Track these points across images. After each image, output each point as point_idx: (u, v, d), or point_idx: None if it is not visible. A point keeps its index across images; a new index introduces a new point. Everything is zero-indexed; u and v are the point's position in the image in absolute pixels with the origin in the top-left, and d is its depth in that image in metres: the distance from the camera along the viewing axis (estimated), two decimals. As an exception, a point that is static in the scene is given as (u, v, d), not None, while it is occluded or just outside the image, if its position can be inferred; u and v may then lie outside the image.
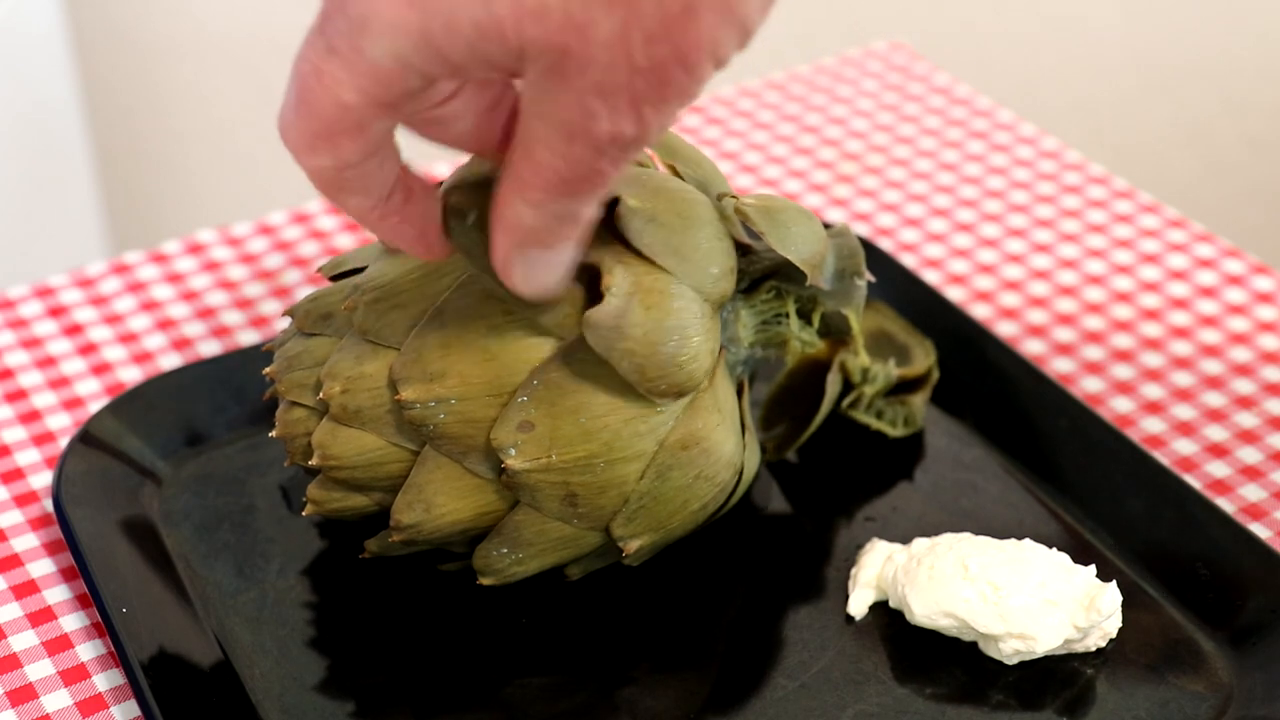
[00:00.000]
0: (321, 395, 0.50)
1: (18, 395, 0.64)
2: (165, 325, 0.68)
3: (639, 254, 0.48)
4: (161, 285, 0.70)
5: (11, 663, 0.53)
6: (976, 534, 0.54)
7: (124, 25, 1.41)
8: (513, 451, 0.48)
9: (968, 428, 0.61)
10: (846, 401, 0.60)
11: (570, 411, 0.48)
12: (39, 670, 0.53)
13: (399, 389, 0.49)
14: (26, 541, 0.57)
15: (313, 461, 0.51)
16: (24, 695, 0.52)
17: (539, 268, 0.43)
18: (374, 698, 0.51)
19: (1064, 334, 0.68)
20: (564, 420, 0.48)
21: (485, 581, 0.52)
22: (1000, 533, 0.56)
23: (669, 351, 0.48)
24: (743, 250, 0.53)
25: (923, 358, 0.62)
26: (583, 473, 0.49)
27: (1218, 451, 0.62)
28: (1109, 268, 0.72)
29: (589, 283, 0.49)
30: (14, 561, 0.57)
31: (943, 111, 0.84)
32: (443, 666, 0.52)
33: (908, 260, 0.72)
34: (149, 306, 0.69)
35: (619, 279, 0.48)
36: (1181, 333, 0.68)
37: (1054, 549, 0.53)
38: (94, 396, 0.64)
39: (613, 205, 0.49)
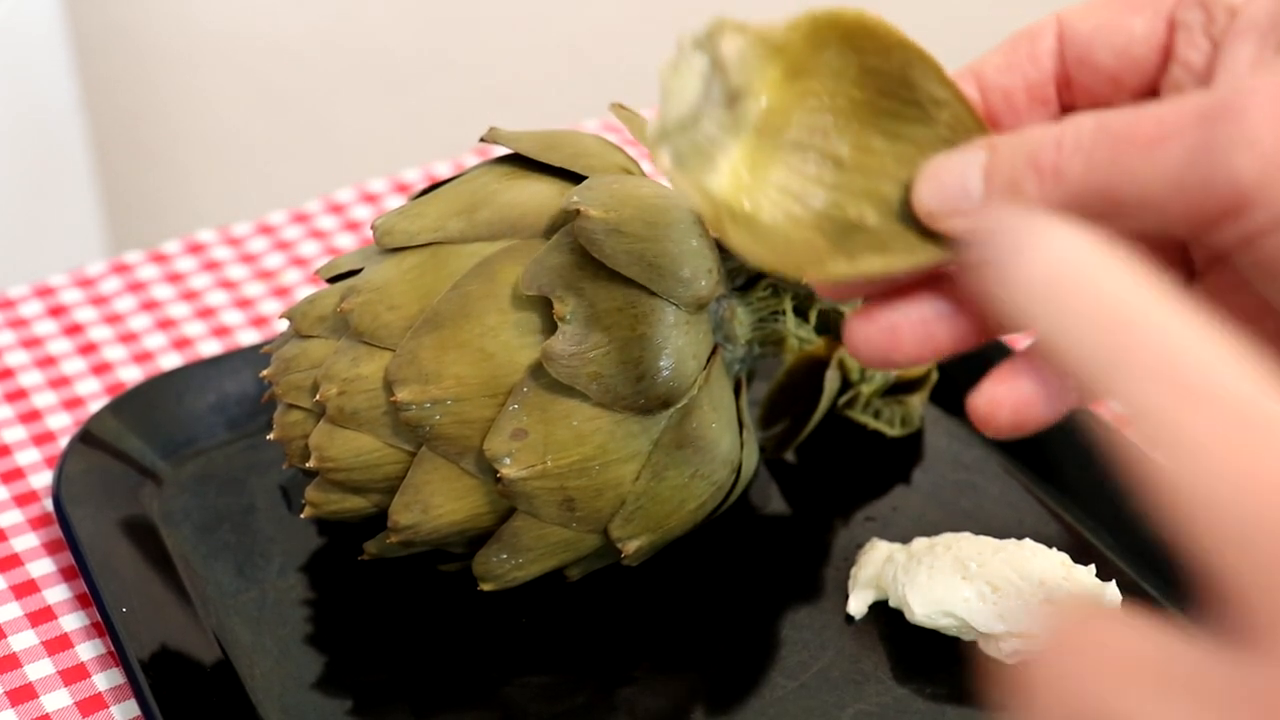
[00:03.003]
0: (318, 397, 0.50)
1: (18, 395, 0.64)
2: (165, 325, 0.68)
3: (602, 266, 0.48)
4: (161, 285, 0.70)
5: (11, 662, 0.53)
6: (976, 534, 0.54)
7: (124, 25, 1.41)
8: (507, 460, 0.48)
9: (967, 428, 0.61)
10: (843, 400, 0.60)
11: (562, 416, 0.48)
12: (39, 670, 0.53)
13: (395, 390, 0.49)
14: (26, 541, 0.57)
15: (310, 463, 0.51)
16: (24, 695, 0.52)
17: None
18: (374, 697, 0.51)
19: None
20: (557, 425, 0.48)
21: (486, 587, 0.51)
22: (1000, 533, 0.56)
23: (640, 368, 0.48)
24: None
25: (922, 358, 0.62)
26: (578, 476, 0.49)
27: (1217, 451, 0.62)
28: (1109, 267, 0.72)
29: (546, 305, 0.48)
30: (14, 561, 0.57)
31: (943, 111, 0.83)
32: (442, 666, 0.52)
33: (907, 260, 0.72)
34: (149, 306, 0.69)
35: (572, 306, 0.48)
36: (1181, 332, 0.68)
37: (1054, 549, 0.53)
38: (94, 396, 0.64)
39: (574, 216, 0.49)
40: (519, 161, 0.53)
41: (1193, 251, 0.39)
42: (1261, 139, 0.32)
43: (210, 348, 0.67)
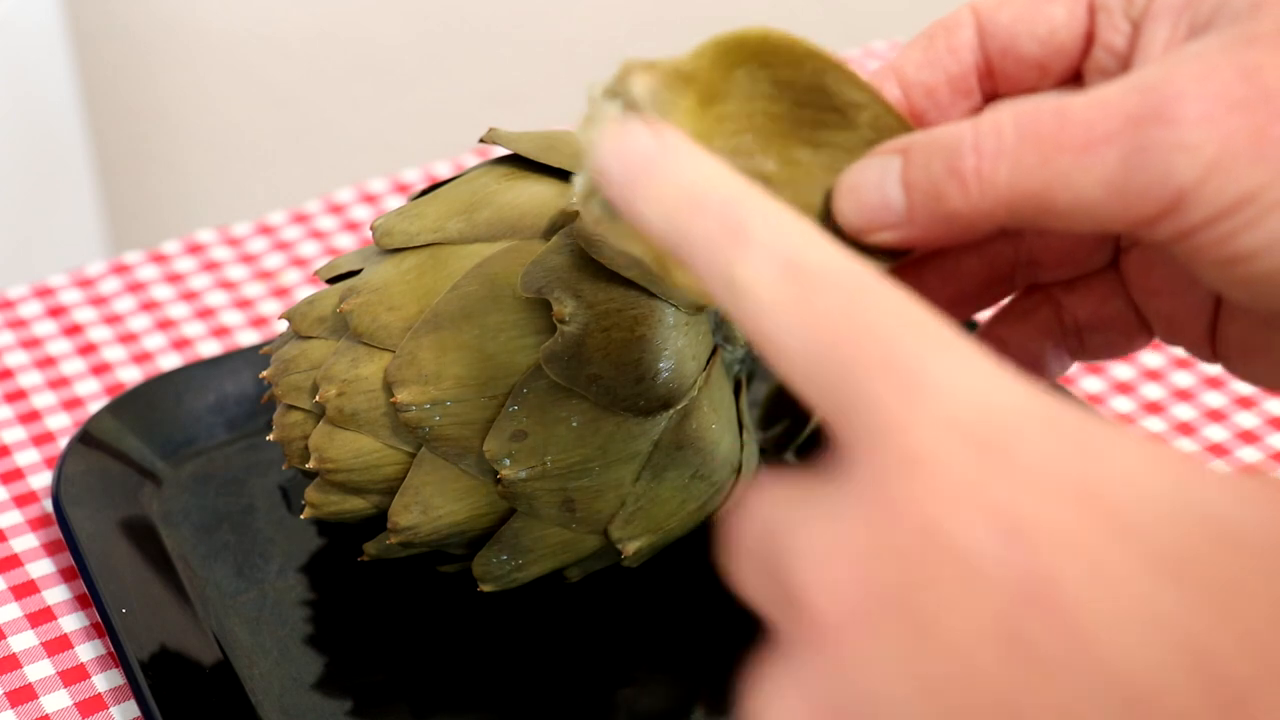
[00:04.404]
0: (318, 398, 0.50)
1: (18, 395, 0.64)
2: (165, 325, 0.68)
3: (602, 268, 0.48)
4: (161, 285, 0.70)
5: (11, 663, 0.53)
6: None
7: (124, 25, 1.41)
8: (507, 461, 0.48)
9: (967, 428, 0.61)
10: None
11: (562, 417, 0.48)
12: (38, 670, 0.53)
13: (394, 391, 0.49)
14: (26, 542, 0.57)
15: (310, 464, 0.51)
16: (24, 695, 0.52)
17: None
18: (373, 698, 0.51)
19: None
20: (556, 426, 0.48)
21: (486, 588, 0.51)
22: (1000, 533, 0.56)
23: (640, 369, 0.48)
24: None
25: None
26: (579, 477, 0.49)
27: (1218, 451, 0.62)
28: (1109, 267, 0.72)
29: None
30: (14, 562, 0.57)
31: (943, 111, 0.83)
32: (442, 666, 0.52)
33: (907, 260, 0.72)
34: (149, 306, 0.69)
35: (571, 308, 0.48)
36: (1181, 332, 0.68)
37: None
38: (94, 396, 0.64)
39: (574, 218, 0.49)
40: (518, 162, 0.53)
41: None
42: (1198, 144, 0.33)
43: (210, 348, 0.67)
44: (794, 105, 0.38)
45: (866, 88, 0.38)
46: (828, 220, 0.38)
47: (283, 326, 0.68)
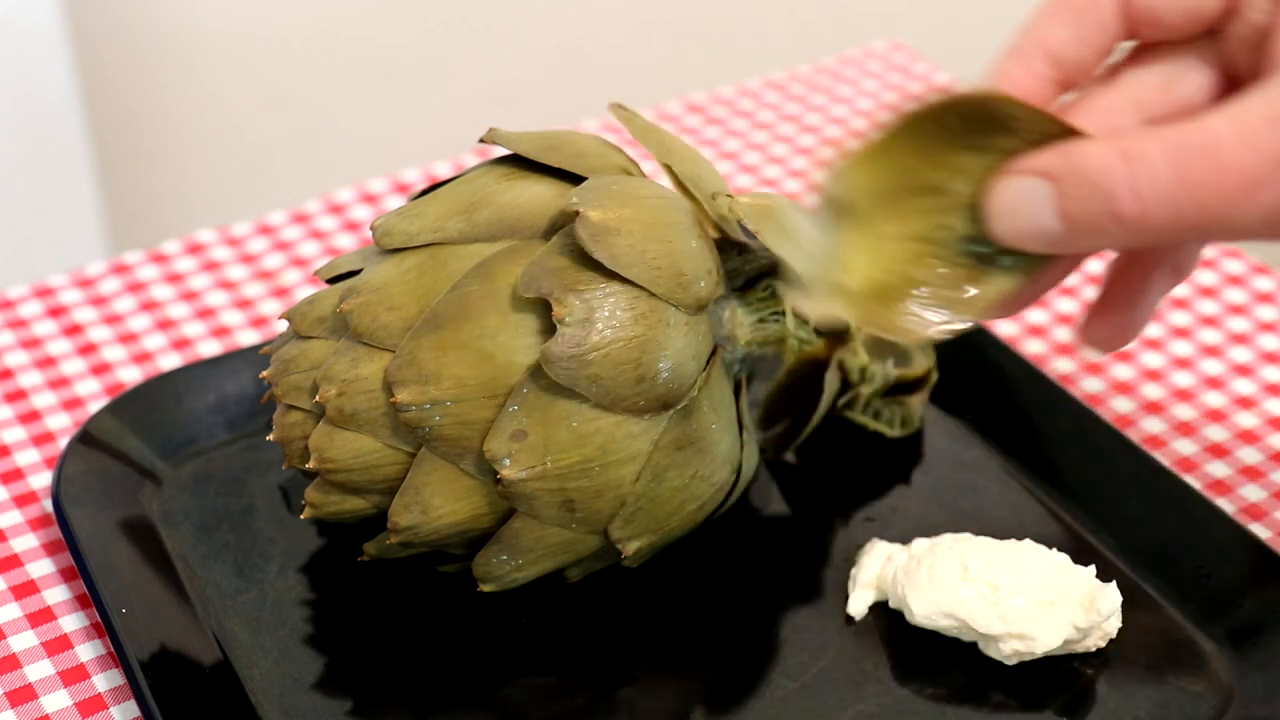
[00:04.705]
0: (318, 398, 0.50)
1: (18, 395, 0.64)
2: (165, 325, 0.68)
3: (602, 268, 0.48)
4: (161, 285, 0.70)
5: (11, 663, 0.53)
6: (976, 534, 0.54)
7: (124, 25, 1.41)
8: (507, 461, 0.48)
9: (967, 428, 0.61)
10: (843, 401, 0.60)
11: (562, 417, 0.48)
12: (38, 671, 0.53)
13: (394, 391, 0.49)
14: (26, 542, 0.57)
15: (310, 464, 0.51)
16: (24, 695, 0.52)
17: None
18: (373, 698, 0.51)
19: (1064, 334, 0.68)
20: (556, 426, 0.48)
21: (486, 589, 0.51)
22: (1000, 533, 0.56)
23: (639, 370, 0.48)
24: (739, 249, 0.53)
25: (923, 360, 0.62)
26: (578, 478, 0.49)
27: (1218, 451, 0.62)
28: (1109, 267, 0.72)
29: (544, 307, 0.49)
30: (14, 562, 0.57)
31: (943, 111, 0.83)
32: (442, 667, 0.52)
33: (908, 260, 0.72)
34: (149, 306, 0.69)
35: (570, 307, 0.48)
36: (1181, 333, 0.68)
37: (1054, 549, 0.53)
38: (94, 396, 0.64)
39: (573, 218, 0.49)
40: (518, 162, 0.53)
41: None
42: None
43: (210, 348, 0.67)
44: (954, 118, 0.41)
45: (1022, 104, 0.41)
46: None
47: (283, 326, 0.68)
